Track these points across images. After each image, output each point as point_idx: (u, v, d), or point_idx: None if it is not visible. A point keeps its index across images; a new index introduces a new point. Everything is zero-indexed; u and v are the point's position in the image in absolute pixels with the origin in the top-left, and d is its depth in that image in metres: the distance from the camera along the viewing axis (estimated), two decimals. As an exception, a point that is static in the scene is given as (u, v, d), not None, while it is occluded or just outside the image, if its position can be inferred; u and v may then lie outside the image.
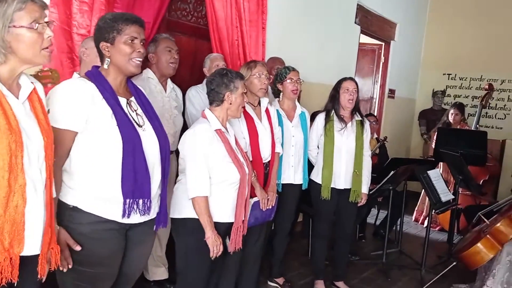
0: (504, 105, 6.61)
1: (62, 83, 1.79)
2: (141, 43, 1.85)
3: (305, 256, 4.10)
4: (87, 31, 2.66)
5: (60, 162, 1.72)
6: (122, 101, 1.84)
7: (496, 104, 6.64)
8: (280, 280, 3.43)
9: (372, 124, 4.49)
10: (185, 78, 3.47)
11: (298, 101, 3.37)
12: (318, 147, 3.35)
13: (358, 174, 3.27)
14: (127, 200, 1.77)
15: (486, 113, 6.57)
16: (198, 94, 3.13)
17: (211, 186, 2.23)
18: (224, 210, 2.29)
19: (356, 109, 3.32)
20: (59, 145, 1.63)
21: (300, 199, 3.41)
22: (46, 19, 1.46)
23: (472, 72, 6.80)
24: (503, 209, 3.55)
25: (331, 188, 3.24)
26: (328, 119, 3.27)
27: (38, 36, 1.42)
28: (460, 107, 5.36)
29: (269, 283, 3.44)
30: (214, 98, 2.33)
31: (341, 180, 3.27)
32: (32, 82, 1.53)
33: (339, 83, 3.30)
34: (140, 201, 1.81)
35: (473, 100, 6.58)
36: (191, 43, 3.66)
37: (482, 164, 4.57)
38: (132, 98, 1.91)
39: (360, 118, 3.34)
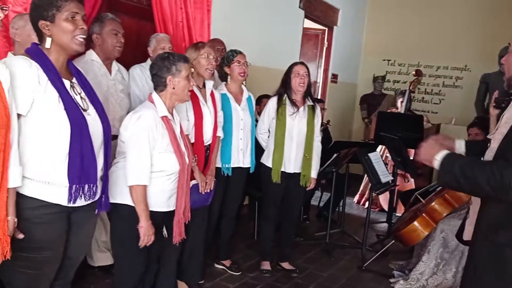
0: (439, 91, 6.94)
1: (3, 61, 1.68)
2: (83, 19, 1.78)
3: (251, 239, 4.15)
4: (23, 9, 2.49)
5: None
6: (66, 83, 1.77)
7: (432, 90, 6.96)
8: (227, 262, 3.45)
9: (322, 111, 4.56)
10: (128, 60, 3.35)
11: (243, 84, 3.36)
12: (269, 130, 3.37)
13: (308, 159, 3.33)
14: (74, 186, 1.74)
15: (423, 98, 6.88)
16: (142, 73, 3.02)
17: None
18: (160, 200, 2.22)
19: (308, 94, 3.36)
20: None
21: (247, 182, 3.43)
22: None
23: (410, 58, 7.06)
24: (437, 189, 3.76)
25: (281, 172, 3.28)
26: (280, 103, 3.29)
27: None
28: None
29: (216, 265, 3.45)
30: (158, 83, 2.23)
31: (291, 164, 3.31)
32: None
33: (290, 67, 3.33)
34: (86, 186, 1.78)
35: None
36: (133, 24, 3.53)
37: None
38: (74, 80, 1.85)
39: (312, 103, 3.39)
